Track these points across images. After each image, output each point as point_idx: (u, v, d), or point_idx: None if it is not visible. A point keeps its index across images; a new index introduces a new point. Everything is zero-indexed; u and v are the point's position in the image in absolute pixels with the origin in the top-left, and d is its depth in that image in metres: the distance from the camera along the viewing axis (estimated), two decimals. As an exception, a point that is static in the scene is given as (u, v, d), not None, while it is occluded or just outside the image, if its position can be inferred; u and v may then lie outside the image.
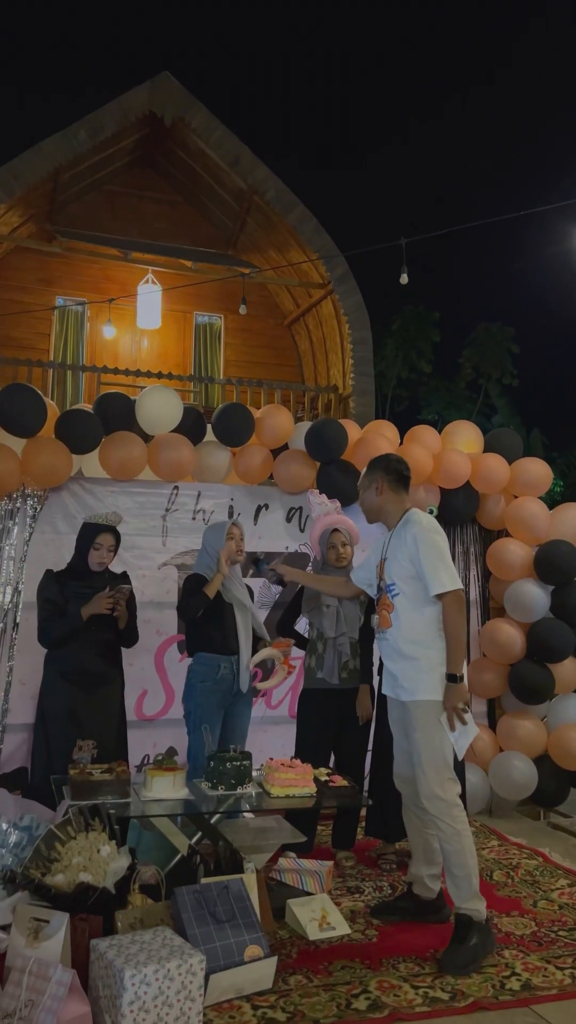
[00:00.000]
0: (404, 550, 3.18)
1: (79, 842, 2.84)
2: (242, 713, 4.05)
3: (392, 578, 3.22)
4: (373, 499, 3.32)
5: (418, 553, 3.12)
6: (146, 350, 10.07)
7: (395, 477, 3.31)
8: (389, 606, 3.22)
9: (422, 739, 3.11)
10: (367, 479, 3.37)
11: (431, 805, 3.07)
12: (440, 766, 3.08)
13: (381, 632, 3.30)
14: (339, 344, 9.42)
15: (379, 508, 3.32)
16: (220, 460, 5.01)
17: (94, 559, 3.88)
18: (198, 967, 2.44)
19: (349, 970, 2.87)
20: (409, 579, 3.16)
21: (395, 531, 3.28)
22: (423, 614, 3.15)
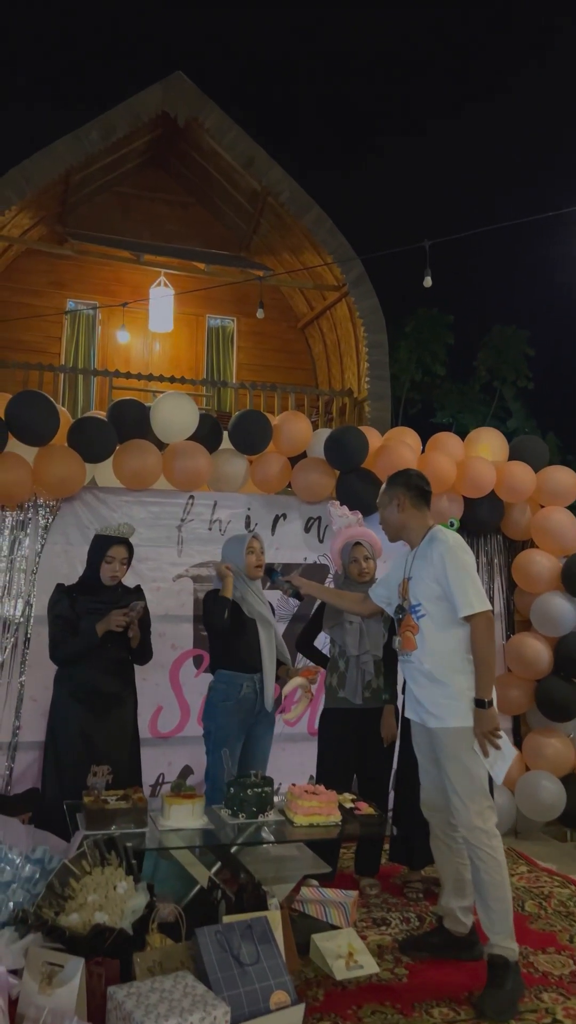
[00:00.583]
0: (430, 569, 3.03)
1: (94, 878, 2.69)
2: (264, 735, 3.89)
3: (418, 598, 3.07)
4: (395, 516, 3.18)
5: (445, 573, 2.98)
6: (158, 354, 9.95)
7: (416, 492, 3.18)
8: (414, 627, 3.08)
9: (455, 768, 2.96)
10: (387, 496, 3.22)
11: (471, 836, 2.93)
12: (476, 795, 2.95)
13: (405, 655, 3.15)
14: (354, 347, 9.27)
15: (401, 525, 3.18)
16: (237, 468, 4.86)
17: (106, 572, 3.73)
18: (222, 1020, 2.28)
19: (380, 1016, 2.71)
20: (436, 600, 3.02)
21: (419, 549, 3.14)
22: (451, 636, 3.01)
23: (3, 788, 4.24)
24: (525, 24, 18.59)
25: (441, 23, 19.05)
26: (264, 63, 18.45)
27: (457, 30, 19.12)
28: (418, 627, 3.06)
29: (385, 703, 3.97)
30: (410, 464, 4.85)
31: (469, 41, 18.81)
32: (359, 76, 19.09)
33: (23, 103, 16.14)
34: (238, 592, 3.88)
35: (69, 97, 15.92)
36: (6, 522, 4.42)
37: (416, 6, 19.27)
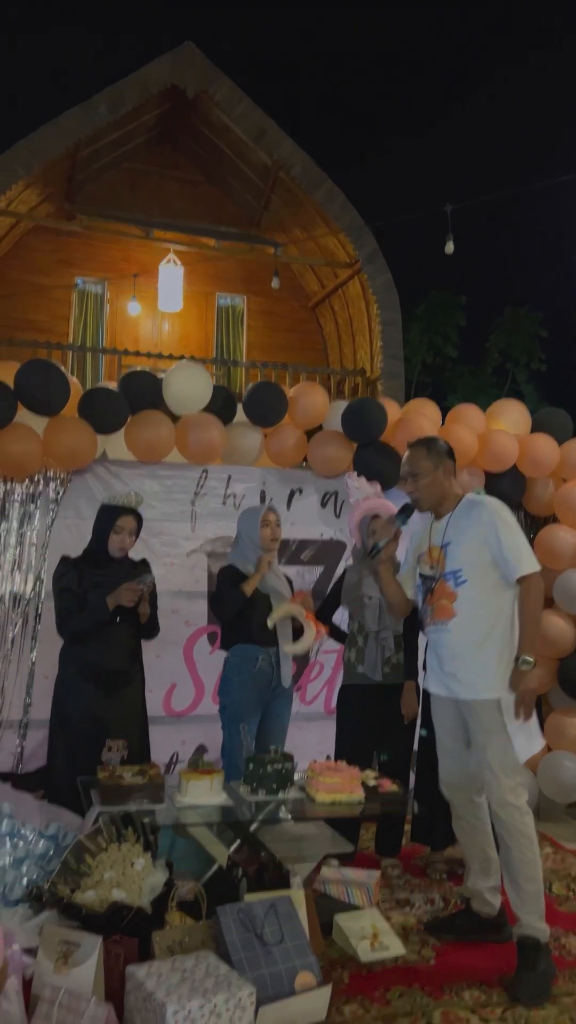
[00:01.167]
0: (476, 533, 2.90)
1: (111, 855, 2.59)
2: (282, 712, 3.78)
3: (459, 564, 2.93)
4: (441, 483, 3.03)
5: (498, 536, 2.86)
6: (167, 333, 9.81)
7: (453, 460, 3.10)
8: (451, 595, 2.94)
9: (492, 741, 2.84)
10: (431, 462, 3.02)
11: (503, 811, 2.81)
12: (511, 769, 2.83)
13: (440, 624, 2.99)
14: (366, 326, 9.11)
15: (444, 493, 3.04)
16: (251, 442, 4.73)
17: (115, 544, 3.57)
18: (248, 1000, 2.17)
19: (408, 998, 2.60)
20: (482, 565, 2.89)
21: (452, 516, 3.01)
22: (494, 602, 2.90)
23: (15, 766, 4.14)
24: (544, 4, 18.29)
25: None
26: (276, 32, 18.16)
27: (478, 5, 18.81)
28: (456, 594, 2.93)
29: (406, 679, 3.85)
30: (429, 437, 4.71)
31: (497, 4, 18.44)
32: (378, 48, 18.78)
33: (30, 76, 15.94)
34: (251, 566, 3.76)
35: (77, 70, 15.72)
36: (16, 495, 4.30)
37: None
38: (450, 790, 3.14)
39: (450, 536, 2.99)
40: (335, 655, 4.71)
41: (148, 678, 4.33)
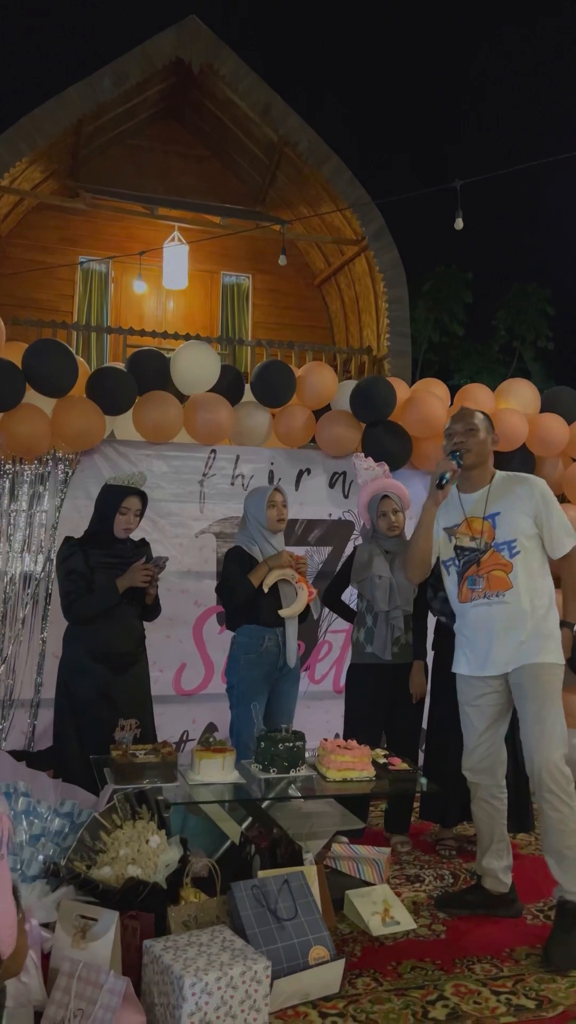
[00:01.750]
0: (528, 507, 2.94)
1: (126, 832, 2.62)
2: (289, 692, 3.79)
3: (513, 534, 2.93)
4: (487, 449, 3.08)
5: (549, 512, 2.95)
6: (172, 312, 9.75)
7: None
8: (506, 565, 2.92)
9: (547, 707, 2.85)
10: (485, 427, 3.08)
11: (553, 782, 2.78)
12: (561, 739, 2.85)
13: (492, 596, 2.94)
14: (373, 304, 9.04)
15: (485, 461, 3.07)
16: (259, 422, 4.72)
17: (120, 524, 3.52)
18: (263, 973, 2.21)
19: (420, 971, 2.64)
20: (532, 537, 2.95)
21: (492, 488, 3.01)
22: (545, 572, 2.99)
23: (27, 744, 4.19)
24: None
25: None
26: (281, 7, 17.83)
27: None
28: (512, 564, 2.92)
29: (414, 659, 3.87)
30: (440, 417, 4.70)
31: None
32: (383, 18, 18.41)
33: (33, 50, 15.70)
34: (257, 547, 3.75)
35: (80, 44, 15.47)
36: (25, 476, 4.31)
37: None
38: (477, 774, 3.11)
39: (496, 507, 2.98)
40: (344, 635, 4.73)
41: (159, 658, 4.38)
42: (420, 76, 18.97)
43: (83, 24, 16.61)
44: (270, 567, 3.68)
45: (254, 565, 3.70)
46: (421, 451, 4.80)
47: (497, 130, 17.49)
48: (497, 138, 17.46)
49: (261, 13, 17.20)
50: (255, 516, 3.79)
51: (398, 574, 3.88)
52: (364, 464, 4.15)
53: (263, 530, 3.78)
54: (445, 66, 18.71)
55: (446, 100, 18.38)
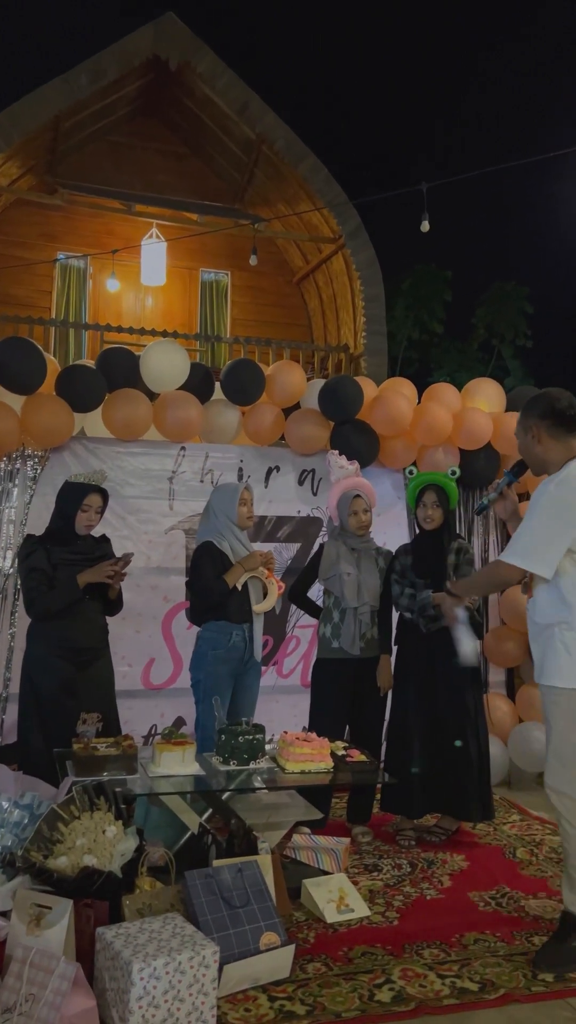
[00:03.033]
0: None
1: (83, 822, 2.67)
2: (252, 684, 3.86)
3: None
4: (531, 449, 2.77)
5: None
6: (150, 308, 9.76)
7: (554, 420, 2.72)
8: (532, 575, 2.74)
9: (547, 726, 2.76)
10: (521, 426, 2.81)
11: (555, 800, 2.71)
12: (561, 758, 2.69)
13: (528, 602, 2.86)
14: (350, 302, 9.10)
15: (540, 459, 2.75)
16: (229, 419, 4.78)
17: (82, 521, 3.56)
18: (211, 959, 2.27)
19: (370, 957, 2.71)
20: None
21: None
22: (555, 584, 2.67)
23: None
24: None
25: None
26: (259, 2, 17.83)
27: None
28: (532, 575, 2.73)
29: (380, 653, 3.95)
30: (406, 416, 4.77)
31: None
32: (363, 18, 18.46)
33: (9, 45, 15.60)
34: (227, 543, 3.81)
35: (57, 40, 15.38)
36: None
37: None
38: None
39: None
40: (311, 630, 4.79)
41: (128, 653, 4.44)
42: (400, 73, 19.03)
43: (60, 20, 16.53)
44: (244, 569, 3.75)
45: (226, 561, 3.76)
46: (388, 449, 4.88)
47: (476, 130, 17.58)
48: (475, 138, 17.55)
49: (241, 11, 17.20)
50: (225, 512, 3.85)
51: (365, 571, 3.95)
52: (340, 462, 4.22)
53: (233, 526, 3.85)
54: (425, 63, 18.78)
55: (426, 99, 18.45)
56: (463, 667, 3.54)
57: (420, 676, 3.84)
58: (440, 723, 3.79)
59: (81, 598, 3.50)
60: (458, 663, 3.25)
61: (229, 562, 3.77)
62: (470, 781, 3.77)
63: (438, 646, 3.79)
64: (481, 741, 3.85)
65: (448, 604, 3.19)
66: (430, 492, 3.89)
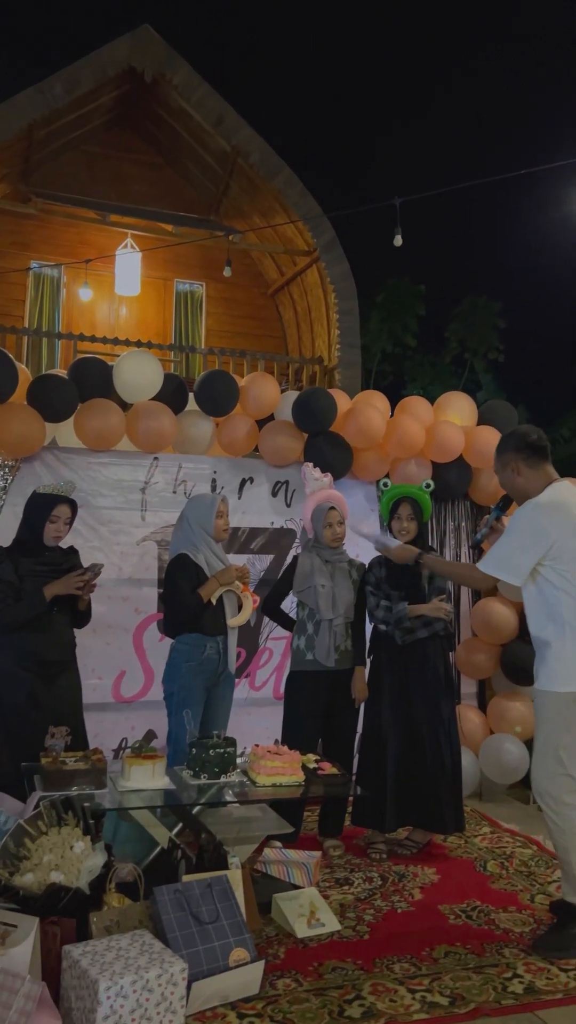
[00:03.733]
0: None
1: (51, 838, 2.63)
2: (224, 696, 3.84)
3: None
4: (512, 482, 3.05)
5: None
6: (124, 318, 9.73)
7: (529, 452, 3.00)
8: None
9: (536, 729, 2.98)
10: (499, 462, 3.09)
11: (539, 799, 2.95)
12: (551, 760, 2.89)
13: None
14: (324, 314, 9.15)
15: (522, 490, 3.01)
16: (203, 430, 4.77)
17: (50, 533, 3.53)
18: (179, 976, 2.24)
19: (341, 972, 2.70)
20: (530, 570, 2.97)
21: None
22: (545, 601, 2.93)
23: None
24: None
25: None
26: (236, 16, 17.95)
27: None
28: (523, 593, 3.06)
29: (355, 665, 3.95)
30: (379, 429, 4.80)
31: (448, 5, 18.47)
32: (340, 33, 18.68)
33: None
34: (202, 555, 3.79)
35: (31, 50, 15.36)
36: (-36, 482, 4.29)
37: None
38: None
39: None
40: (284, 642, 4.78)
41: (98, 665, 4.39)
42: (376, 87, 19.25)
43: (34, 30, 16.52)
44: (220, 583, 3.72)
45: (201, 573, 3.73)
46: (361, 462, 4.89)
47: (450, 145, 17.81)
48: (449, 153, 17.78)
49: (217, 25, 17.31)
50: (201, 524, 3.82)
51: (339, 583, 3.96)
52: (314, 474, 4.23)
53: (208, 538, 3.82)
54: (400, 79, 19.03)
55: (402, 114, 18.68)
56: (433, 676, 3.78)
57: (395, 688, 3.84)
58: (415, 734, 3.79)
59: (48, 610, 3.46)
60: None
61: (204, 575, 3.74)
62: (444, 793, 3.77)
63: (413, 658, 3.82)
64: (454, 752, 3.86)
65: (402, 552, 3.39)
66: (406, 505, 3.92)
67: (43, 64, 8.25)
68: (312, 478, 4.21)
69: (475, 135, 18.00)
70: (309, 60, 19.24)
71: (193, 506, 3.90)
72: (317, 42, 19.01)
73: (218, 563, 3.83)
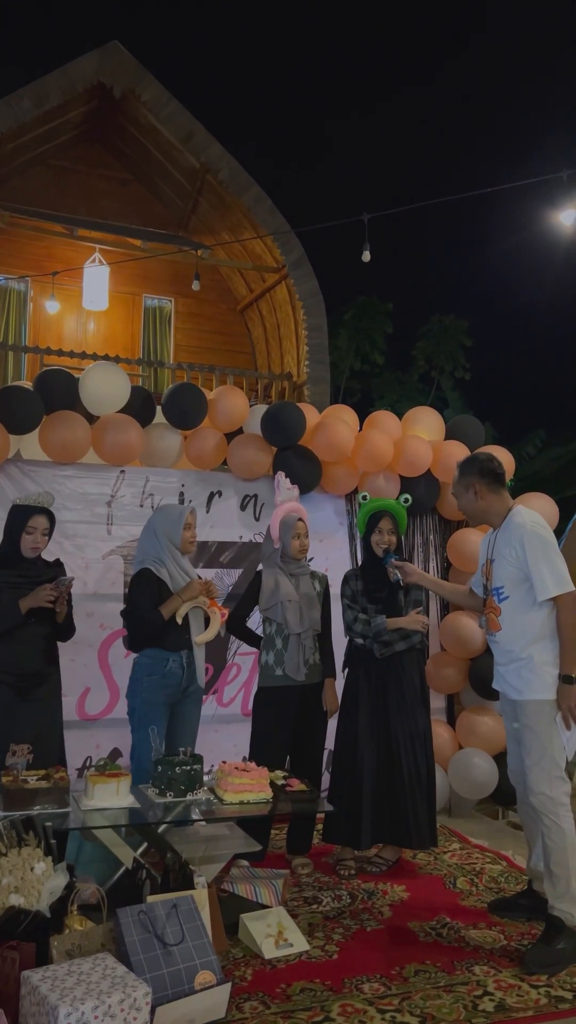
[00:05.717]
0: (511, 552, 3.08)
1: (10, 859, 2.55)
2: (190, 713, 3.75)
3: (501, 581, 3.13)
4: (473, 504, 3.21)
5: (525, 556, 3.03)
6: (92, 332, 9.69)
7: (491, 477, 3.19)
8: (497, 610, 3.16)
9: (529, 737, 3.05)
10: (461, 485, 3.22)
11: (536, 800, 3.01)
12: (547, 763, 3.01)
13: (491, 635, 3.23)
14: (293, 331, 9.19)
15: (483, 512, 3.21)
16: (170, 443, 4.72)
17: (27, 544, 3.51)
18: (143, 1001, 2.17)
19: (309, 993, 2.64)
20: (517, 583, 3.08)
21: (500, 531, 3.18)
22: (531, 618, 3.07)
23: None
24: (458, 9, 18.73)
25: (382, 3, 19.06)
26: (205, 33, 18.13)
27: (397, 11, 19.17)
28: (500, 609, 3.13)
29: (324, 677, 3.91)
30: (347, 442, 4.79)
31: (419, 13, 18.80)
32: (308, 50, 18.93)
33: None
34: (166, 569, 3.72)
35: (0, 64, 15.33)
36: None
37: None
38: (513, 776, 3.31)
39: (495, 552, 3.17)
40: (252, 658, 4.73)
41: (63, 681, 4.29)
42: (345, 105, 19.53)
43: (1, 43, 16.51)
44: (183, 600, 3.65)
45: (164, 588, 3.67)
46: (331, 475, 4.88)
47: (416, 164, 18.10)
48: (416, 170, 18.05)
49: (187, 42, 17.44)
50: (168, 535, 3.73)
51: (304, 596, 3.92)
52: (287, 484, 4.20)
53: (174, 551, 3.75)
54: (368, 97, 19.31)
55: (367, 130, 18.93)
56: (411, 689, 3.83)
57: (372, 701, 3.81)
58: (391, 748, 3.76)
59: (24, 623, 3.42)
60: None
61: (168, 590, 3.66)
62: (420, 808, 3.74)
63: (390, 671, 3.79)
64: (430, 767, 3.84)
65: (569, 706, 3.10)
66: (387, 519, 3.92)
67: (10, 78, 8.21)
68: (284, 488, 4.18)
69: (442, 153, 18.31)
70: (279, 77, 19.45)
71: (160, 517, 3.82)
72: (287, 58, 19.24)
73: (183, 577, 3.74)
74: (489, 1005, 2.57)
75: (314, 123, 18.95)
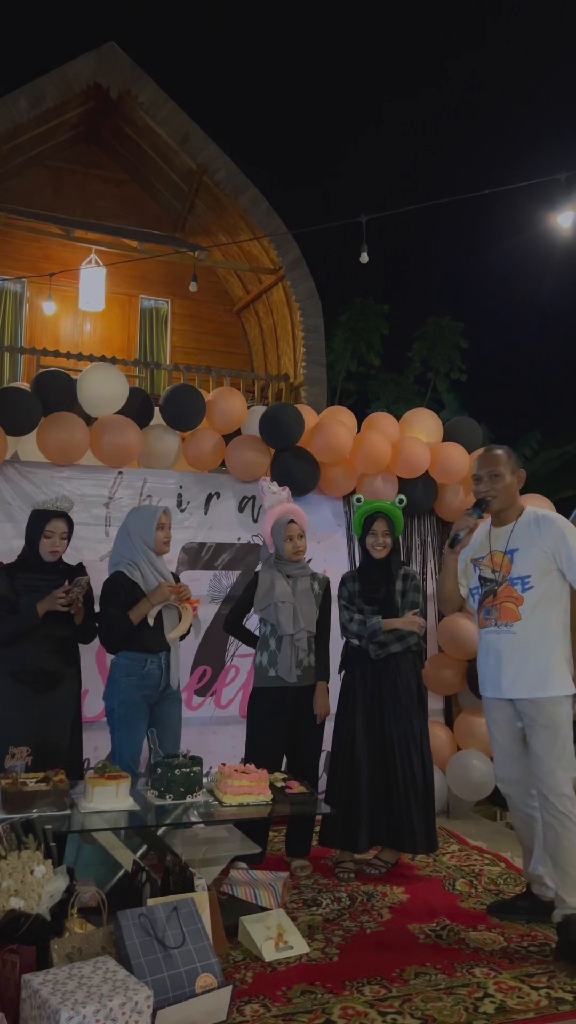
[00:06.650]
0: (546, 544, 3.11)
1: (10, 863, 2.54)
2: (171, 713, 3.71)
3: (527, 571, 3.13)
4: (512, 490, 3.23)
5: (569, 550, 3.06)
6: (89, 334, 9.67)
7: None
8: (518, 599, 3.13)
9: (549, 735, 3.03)
10: (508, 468, 3.21)
11: (558, 800, 2.99)
12: (568, 763, 3.02)
13: (503, 625, 3.16)
14: (290, 332, 9.18)
15: (511, 499, 3.24)
16: (168, 445, 4.72)
17: (45, 548, 3.58)
18: (144, 1004, 2.17)
19: (310, 996, 2.63)
20: (548, 572, 3.11)
21: (517, 524, 3.21)
22: (558, 609, 3.13)
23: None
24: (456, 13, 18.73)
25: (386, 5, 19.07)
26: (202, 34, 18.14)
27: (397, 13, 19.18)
28: (523, 599, 3.12)
29: (317, 680, 3.91)
30: (345, 444, 4.80)
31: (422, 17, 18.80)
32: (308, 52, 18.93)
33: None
34: (139, 572, 3.69)
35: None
36: None
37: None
38: (506, 785, 3.29)
39: (516, 543, 3.17)
40: (250, 659, 4.72)
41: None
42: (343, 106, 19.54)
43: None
44: (152, 603, 3.61)
45: (137, 591, 3.63)
46: (328, 477, 4.88)
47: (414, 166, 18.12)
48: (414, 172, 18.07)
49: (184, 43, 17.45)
50: (142, 536, 3.69)
51: (300, 597, 3.92)
52: (272, 488, 4.19)
53: (148, 551, 3.71)
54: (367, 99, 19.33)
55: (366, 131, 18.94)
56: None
57: (368, 702, 3.81)
58: (387, 750, 3.76)
59: (41, 625, 3.48)
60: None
61: (140, 592, 3.62)
62: (416, 811, 3.73)
63: (386, 672, 3.79)
64: (427, 769, 3.83)
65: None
66: (381, 521, 3.91)
67: (7, 79, 8.21)
68: (270, 492, 4.16)
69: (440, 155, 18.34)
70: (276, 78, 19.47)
71: (133, 518, 3.78)
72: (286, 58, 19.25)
73: (156, 578, 3.68)
74: (490, 1007, 2.57)
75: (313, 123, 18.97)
